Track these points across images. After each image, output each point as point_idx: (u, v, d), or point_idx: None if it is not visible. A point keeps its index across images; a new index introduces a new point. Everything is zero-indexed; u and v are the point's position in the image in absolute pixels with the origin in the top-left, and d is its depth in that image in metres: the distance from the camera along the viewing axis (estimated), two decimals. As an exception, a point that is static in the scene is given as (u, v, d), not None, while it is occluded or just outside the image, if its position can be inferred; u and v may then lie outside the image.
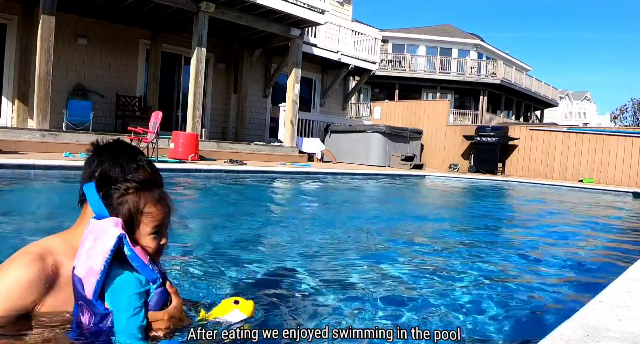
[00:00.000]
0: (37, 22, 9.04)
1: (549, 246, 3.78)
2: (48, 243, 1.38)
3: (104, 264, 1.23)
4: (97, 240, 1.26)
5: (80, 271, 1.26)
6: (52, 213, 4.02)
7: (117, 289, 1.26)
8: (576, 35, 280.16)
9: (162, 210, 1.33)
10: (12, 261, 1.30)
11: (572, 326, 1.41)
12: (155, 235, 1.33)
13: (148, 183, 1.35)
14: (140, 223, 1.31)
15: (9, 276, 1.26)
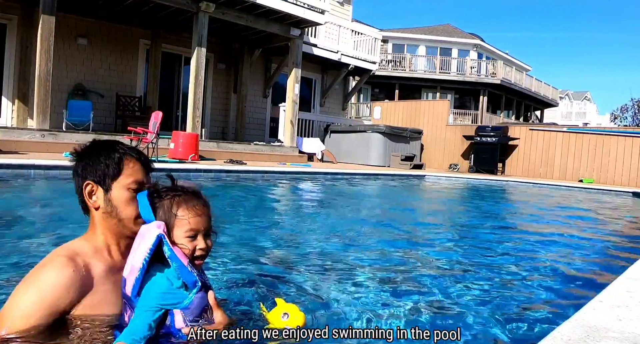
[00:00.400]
0: (37, 22, 9.04)
1: (548, 246, 3.77)
2: (73, 245, 1.41)
3: (142, 262, 1.28)
4: (141, 241, 1.32)
5: (126, 271, 1.33)
6: (53, 212, 4.02)
7: (148, 285, 1.29)
8: (576, 35, 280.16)
9: (195, 214, 1.36)
10: (45, 265, 1.31)
11: (572, 326, 1.41)
12: (190, 239, 1.35)
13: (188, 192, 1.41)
14: (175, 226, 1.35)
15: (46, 281, 1.26)
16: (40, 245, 2.69)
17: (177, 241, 1.34)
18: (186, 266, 1.30)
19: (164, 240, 1.29)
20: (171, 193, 1.40)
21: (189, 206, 1.37)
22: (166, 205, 1.37)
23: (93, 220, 1.45)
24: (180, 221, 1.35)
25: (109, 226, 1.43)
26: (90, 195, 1.42)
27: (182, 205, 1.37)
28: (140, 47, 12.80)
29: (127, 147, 1.47)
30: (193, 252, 1.35)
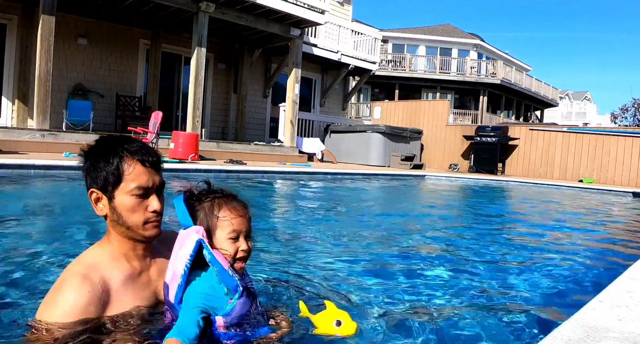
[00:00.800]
0: (37, 22, 9.04)
1: (548, 246, 3.77)
2: (89, 257, 1.39)
3: (184, 268, 1.27)
4: (181, 246, 1.31)
5: (168, 277, 1.32)
6: (54, 212, 4.02)
7: (190, 289, 1.28)
8: (576, 35, 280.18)
9: (236, 215, 1.35)
10: (62, 287, 1.29)
11: (572, 326, 1.41)
12: (231, 241, 1.34)
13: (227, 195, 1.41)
14: (217, 229, 1.34)
15: (63, 304, 1.25)
16: (39, 245, 2.69)
17: (218, 244, 1.33)
18: (227, 270, 1.28)
19: (203, 244, 1.27)
20: (210, 195, 1.39)
21: (230, 207, 1.36)
22: (207, 207, 1.36)
23: (107, 225, 1.43)
24: (223, 223, 1.34)
25: (119, 233, 1.40)
26: (97, 203, 1.39)
27: (223, 207, 1.36)
28: (140, 47, 12.80)
29: (130, 149, 1.38)
30: (235, 254, 1.33)
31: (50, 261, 2.32)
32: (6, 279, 2.02)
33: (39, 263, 2.32)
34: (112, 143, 1.40)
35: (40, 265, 2.27)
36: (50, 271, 2.16)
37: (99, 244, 1.44)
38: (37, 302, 1.75)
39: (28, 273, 2.12)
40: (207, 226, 1.33)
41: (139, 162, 1.37)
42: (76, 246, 2.71)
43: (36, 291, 1.84)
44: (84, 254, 1.41)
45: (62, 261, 2.33)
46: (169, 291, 1.30)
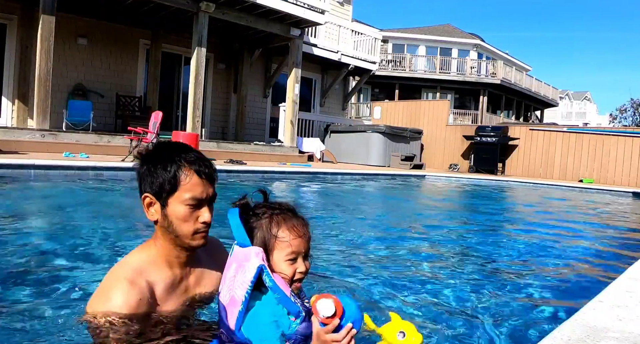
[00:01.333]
0: (37, 22, 9.04)
1: (548, 246, 3.77)
2: (134, 262, 1.40)
3: (245, 295, 1.21)
4: (239, 269, 1.25)
5: (224, 299, 1.27)
6: (55, 212, 4.02)
7: (254, 319, 1.23)
8: (576, 35, 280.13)
9: (296, 236, 1.28)
10: (110, 291, 1.31)
11: (572, 326, 1.41)
12: (290, 262, 1.27)
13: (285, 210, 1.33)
14: (274, 249, 1.27)
15: (114, 307, 1.27)
16: (41, 244, 2.69)
17: (276, 265, 1.27)
18: (289, 296, 1.22)
19: (265, 270, 1.22)
20: (269, 211, 1.31)
21: (289, 226, 1.28)
22: (264, 224, 1.29)
23: (156, 230, 1.43)
24: (281, 244, 1.27)
25: (167, 240, 1.41)
26: (149, 207, 1.40)
27: (282, 225, 1.28)
28: (140, 47, 12.80)
29: (188, 158, 1.38)
30: (293, 276, 1.27)
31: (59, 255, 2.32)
32: (8, 277, 2.02)
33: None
34: (170, 150, 1.40)
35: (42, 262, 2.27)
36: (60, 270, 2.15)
37: (144, 248, 1.46)
38: (40, 300, 1.75)
39: (31, 270, 2.12)
40: (264, 245, 1.27)
41: (196, 172, 1.37)
42: (82, 244, 2.72)
43: (44, 289, 1.84)
44: (129, 258, 1.43)
45: (71, 258, 2.34)
46: (227, 315, 1.24)
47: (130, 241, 2.97)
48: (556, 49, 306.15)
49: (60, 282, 2.02)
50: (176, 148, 1.41)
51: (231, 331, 1.23)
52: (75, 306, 1.70)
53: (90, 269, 2.26)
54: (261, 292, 1.24)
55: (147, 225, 3.83)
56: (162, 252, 1.42)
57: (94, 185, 5.97)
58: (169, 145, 1.44)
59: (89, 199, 4.87)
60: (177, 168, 1.35)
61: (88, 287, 1.93)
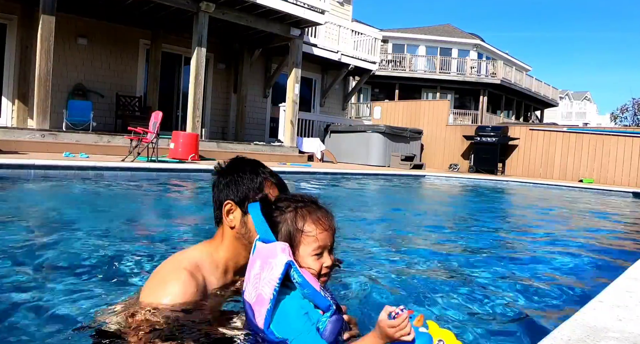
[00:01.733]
0: (37, 22, 9.04)
1: (548, 246, 3.77)
2: (195, 257, 1.46)
3: (272, 293, 1.18)
4: (264, 266, 1.21)
5: (250, 297, 1.23)
6: (56, 212, 4.02)
7: (284, 316, 1.19)
8: (576, 35, 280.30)
9: (322, 229, 1.26)
10: (169, 277, 1.37)
11: (572, 326, 1.41)
12: (317, 257, 1.25)
13: (308, 203, 1.31)
14: (300, 243, 1.25)
15: (172, 293, 1.33)
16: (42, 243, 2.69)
17: (302, 260, 1.24)
18: (319, 291, 1.20)
19: (293, 266, 1.19)
20: (292, 204, 1.29)
21: (315, 219, 1.26)
22: (290, 219, 1.26)
23: (222, 234, 1.50)
24: (307, 238, 1.24)
25: (237, 245, 1.47)
26: (228, 214, 1.47)
27: (308, 219, 1.26)
28: (140, 47, 12.80)
29: (269, 171, 1.53)
30: (320, 270, 1.25)
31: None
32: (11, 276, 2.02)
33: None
34: (254, 163, 1.57)
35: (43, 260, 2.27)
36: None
37: (205, 246, 1.52)
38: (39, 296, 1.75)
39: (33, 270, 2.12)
40: (290, 240, 1.24)
41: (276, 184, 1.52)
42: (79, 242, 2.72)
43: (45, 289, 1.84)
44: (191, 252, 1.50)
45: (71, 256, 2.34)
46: (254, 314, 1.21)
47: (127, 241, 2.97)
48: (556, 49, 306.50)
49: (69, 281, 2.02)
50: (257, 163, 1.58)
51: (260, 330, 1.21)
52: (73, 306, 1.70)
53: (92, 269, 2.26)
54: (288, 288, 1.21)
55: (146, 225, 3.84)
56: (226, 255, 1.49)
57: (95, 185, 5.98)
58: (248, 159, 1.59)
59: (88, 199, 4.87)
60: (262, 180, 1.49)
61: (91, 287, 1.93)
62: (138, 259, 2.53)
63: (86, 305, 1.74)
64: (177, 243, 3.06)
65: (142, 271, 2.30)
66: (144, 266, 2.38)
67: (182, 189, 6.53)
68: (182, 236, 3.31)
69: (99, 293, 1.87)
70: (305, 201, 1.31)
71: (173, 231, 3.51)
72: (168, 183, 6.82)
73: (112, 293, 1.88)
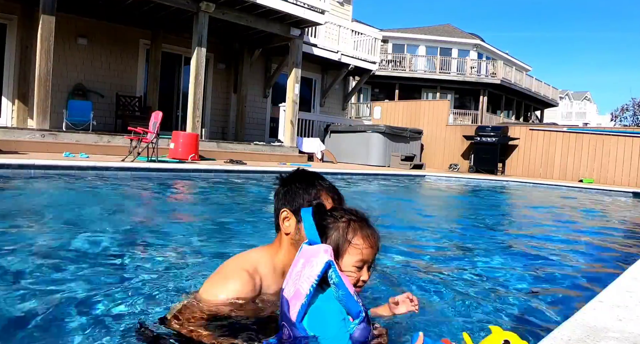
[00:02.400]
0: (37, 22, 9.04)
1: (548, 246, 3.77)
2: (256, 260, 1.59)
3: (309, 289, 1.23)
4: (306, 264, 1.27)
5: (288, 293, 1.29)
6: (56, 212, 4.02)
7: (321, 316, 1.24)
8: (576, 35, 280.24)
9: (369, 245, 1.34)
10: (230, 276, 1.52)
11: (572, 326, 1.41)
12: (356, 269, 1.33)
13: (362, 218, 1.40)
14: (346, 253, 1.33)
15: (228, 290, 1.47)
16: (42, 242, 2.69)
17: (343, 268, 1.30)
18: (353, 295, 1.24)
19: (333, 266, 1.24)
20: (347, 215, 1.38)
21: (365, 235, 1.35)
22: (342, 228, 1.35)
23: (280, 240, 1.62)
24: (354, 250, 1.32)
25: (293, 251, 1.54)
26: (284, 221, 1.58)
27: (359, 233, 1.34)
28: (140, 47, 12.80)
29: (325, 184, 1.62)
30: (355, 283, 1.32)
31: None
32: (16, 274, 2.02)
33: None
34: (312, 175, 1.65)
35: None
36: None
37: (266, 250, 1.64)
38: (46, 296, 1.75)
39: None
40: (336, 247, 1.32)
41: (331, 197, 1.60)
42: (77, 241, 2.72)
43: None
44: (253, 254, 1.63)
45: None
46: (289, 308, 1.27)
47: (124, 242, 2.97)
48: (556, 49, 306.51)
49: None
50: (315, 175, 1.65)
51: (292, 323, 1.25)
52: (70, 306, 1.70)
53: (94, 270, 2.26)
54: (324, 289, 1.26)
55: (146, 226, 3.83)
56: (284, 260, 1.58)
57: (95, 185, 5.98)
58: (309, 172, 1.68)
59: (87, 199, 4.87)
60: (317, 192, 1.58)
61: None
62: (138, 259, 2.53)
63: (87, 304, 1.74)
64: (177, 243, 3.06)
65: (142, 271, 2.30)
66: (143, 267, 2.38)
67: (181, 189, 6.53)
68: (181, 237, 3.31)
69: (99, 293, 1.87)
70: (359, 217, 1.40)
71: (173, 232, 3.51)
72: (168, 183, 6.83)
73: (109, 291, 1.88)
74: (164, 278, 2.16)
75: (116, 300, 1.81)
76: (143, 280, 2.12)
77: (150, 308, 1.76)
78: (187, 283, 2.08)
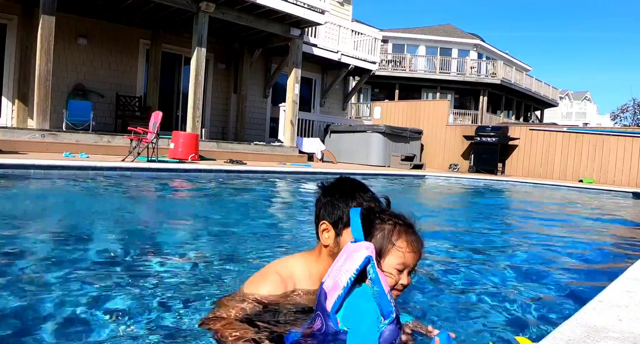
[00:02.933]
0: (37, 22, 9.04)
1: (548, 246, 3.77)
2: (291, 266, 1.64)
3: (347, 281, 1.26)
4: (347, 259, 1.30)
5: (327, 285, 1.31)
6: (56, 212, 4.02)
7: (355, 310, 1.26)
8: (576, 35, 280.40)
9: (411, 249, 1.38)
10: (264, 278, 1.59)
11: (572, 326, 1.41)
12: (397, 271, 1.36)
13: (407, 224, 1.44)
14: (388, 254, 1.37)
15: (262, 289, 1.55)
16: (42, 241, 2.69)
17: (383, 269, 1.34)
18: (387, 293, 1.25)
19: (372, 261, 1.27)
20: (393, 219, 1.42)
21: (409, 239, 1.39)
22: (387, 230, 1.39)
23: (320, 249, 1.64)
24: (396, 252, 1.36)
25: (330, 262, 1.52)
26: (323, 232, 1.60)
27: (403, 237, 1.38)
28: (140, 47, 12.80)
29: (367, 197, 1.59)
30: (394, 285, 1.35)
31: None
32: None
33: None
34: (352, 187, 1.63)
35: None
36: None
37: (305, 258, 1.68)
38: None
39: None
40: (379, 248, 1.36)
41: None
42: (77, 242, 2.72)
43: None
44: (291, 260, 1.69)
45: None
46: (326, 298, 1.29)
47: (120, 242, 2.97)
48: (556, 48, 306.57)
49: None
50: (357, 187, 1.64)
51: (326, 313, 1.27)
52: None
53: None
54: (361, 286, 1.28)
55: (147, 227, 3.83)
56: (320, 269, 1.59)
57: (95, 185, 5.97)
58: (351, 182, 1.67)
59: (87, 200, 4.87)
60: (357, 205, 1.53)
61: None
62: (137, 259, 2.53)
63: (86, 306, 1.74)
64: (177, 243, 3.06)
65: (142, 271, 2.30)
66: (143, 266, 2.38)
67: (181, 189, 6.53)
68: (181, 237, 3.31)
69: (98, 294, 1.87)
70: (405, 221, 1.44)
71: (172, 231, 3.51)
72: (167, 183, 6.82)
73: (109, 291, 1.88)
74: (165, 279, 2.16)
75: (109, 301, 1.81)
76: (143, 280, 2.12)
77: (147, 307, 1.76)
78: (188, 284, 2.08)
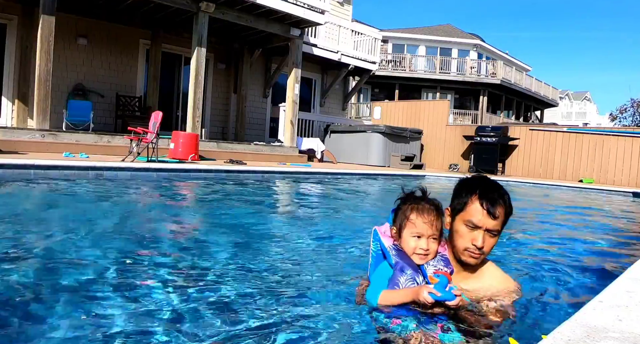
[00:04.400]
0: (37, 22, 9.04)
1: (548, 246, 3.77)
2: None
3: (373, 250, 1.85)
4: None
5: None
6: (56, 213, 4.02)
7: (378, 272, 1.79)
8: (576, 35, 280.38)
9: (422, 221, 1.76)
10: None
11: (572, 326, 1.41)
12: (415, 238, 1.76)
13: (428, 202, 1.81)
14: (405, 227, 1.78)
15: None
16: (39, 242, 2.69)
17: (405, 239, 1.77)
18: (387, 248, 1.77)
19: (375, 231, 1.84)
20: (415, 201, 1.81)
21: (419, 213, 1.77)
22: (404, 209, 1.80)
23: None
24: (409, 224, 1.77)
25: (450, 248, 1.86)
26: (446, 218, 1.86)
27: (414, 211, 1.77)
28: (140, 47, 12.80)
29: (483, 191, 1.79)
30: (414, 249, 1.75)
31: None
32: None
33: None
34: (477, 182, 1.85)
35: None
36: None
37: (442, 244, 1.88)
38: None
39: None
40: (400, 224, 1.79)
41: (480, 203, 1.77)
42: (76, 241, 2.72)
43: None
44: None
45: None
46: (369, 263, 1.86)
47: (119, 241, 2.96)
48: (556, 49, 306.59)
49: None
50: (481, 182, 1.85)
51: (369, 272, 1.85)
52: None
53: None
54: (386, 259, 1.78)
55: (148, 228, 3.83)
56: (449, 256, 1.83)
57: (94, 185, 5.97)
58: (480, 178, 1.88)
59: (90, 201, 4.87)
60: (471, 196, 1.78)
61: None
62: (135, 259, 2.53)
63: (85, 307, 1.74)
64: (177, 243, 3.06)
65: (142, 270, 2.29)
66: (143, 265, 2.38)
67: (181, 189, 6.53)
68: (181, 237, 3.31)
69: (98, 294, 1.87)
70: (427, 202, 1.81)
71: (172, 232, 3.51)
72: (168, 183, 6.82)
73: (112, 294, 1.88)
74: (169, 280, 2.16)
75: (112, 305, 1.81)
76: (143, 280, 2.12)
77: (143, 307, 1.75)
78: (194, 284, 2.08)
